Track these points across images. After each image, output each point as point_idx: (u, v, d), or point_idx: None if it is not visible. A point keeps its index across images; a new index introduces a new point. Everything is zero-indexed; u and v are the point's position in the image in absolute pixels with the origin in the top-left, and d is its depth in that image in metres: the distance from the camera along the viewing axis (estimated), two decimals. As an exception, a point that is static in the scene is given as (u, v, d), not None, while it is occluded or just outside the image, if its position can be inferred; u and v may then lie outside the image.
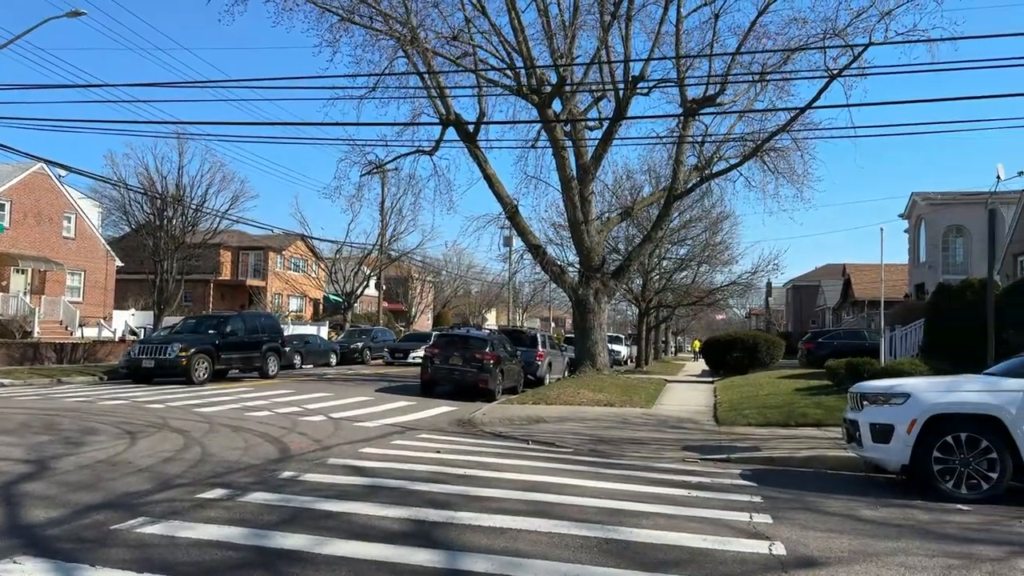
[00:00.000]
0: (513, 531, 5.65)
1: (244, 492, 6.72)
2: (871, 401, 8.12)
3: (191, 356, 18.86)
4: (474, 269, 62.36)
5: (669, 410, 15.88)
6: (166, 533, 5.34)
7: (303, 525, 5.67)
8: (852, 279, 47.72)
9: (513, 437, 11.53)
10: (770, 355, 27.25)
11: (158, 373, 19.02)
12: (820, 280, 61.68)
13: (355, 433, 11.12)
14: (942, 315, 17.04)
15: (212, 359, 19.58)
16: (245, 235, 48.50)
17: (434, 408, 15.28)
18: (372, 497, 6.70)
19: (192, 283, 44.69)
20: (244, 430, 10.91)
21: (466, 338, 18.63)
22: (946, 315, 16.79)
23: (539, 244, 23.99)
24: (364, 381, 21.60)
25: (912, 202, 31.35)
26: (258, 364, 21.45)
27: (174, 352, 18.75)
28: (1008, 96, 14.44)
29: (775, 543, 5.52)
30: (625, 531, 5.76)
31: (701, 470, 9.10)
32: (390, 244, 42.88)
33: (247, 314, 24.22)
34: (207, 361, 19.38)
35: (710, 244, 34.85)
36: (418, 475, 7.83)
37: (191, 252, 33.11)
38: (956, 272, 27.93)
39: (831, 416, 13.00)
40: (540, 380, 21.74)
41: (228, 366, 20.70)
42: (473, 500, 6.70)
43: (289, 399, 15.67)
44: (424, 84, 20.89)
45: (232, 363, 20.77)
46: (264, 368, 21.55)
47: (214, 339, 20.06)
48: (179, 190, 32.27)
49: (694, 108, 21.16)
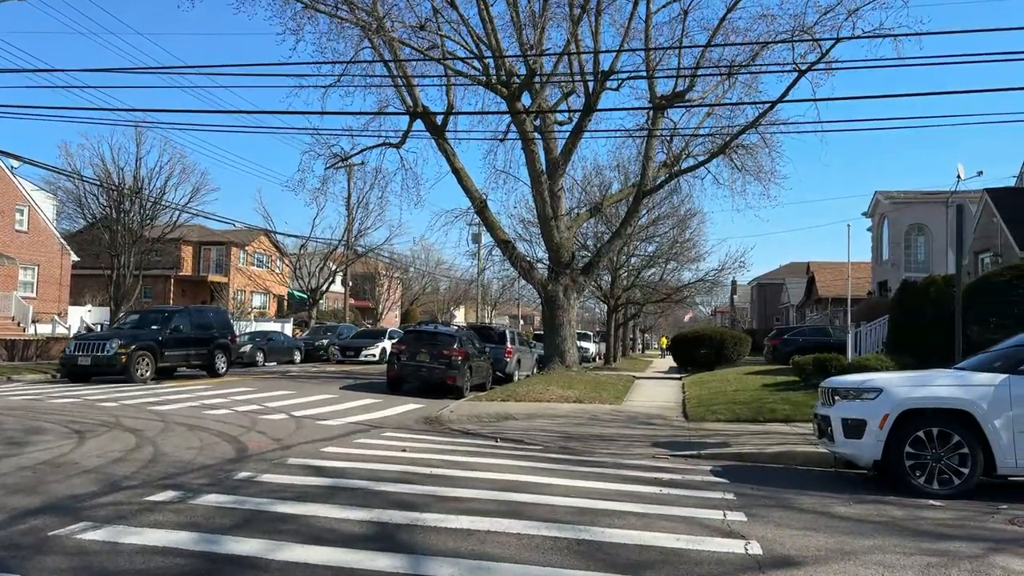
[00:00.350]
0: (481, 533, 5.40)
1: (196, 494, 6.37)
2: (843, 396, 8.03)
3: (131, 353, 17.80)
4: (443, 266, 61.95)
5: (638, 406, 15.77)
6: (109, 539, 4.99)
7: (258, 529, 5.36)
8: (816, 277, 48.44)
9: (482, 435, 11.28)
10: (737, 352, 27.40)
11: (95, 371, 17.96)
12: (784, 278, 62.55)
13: (317, 432, 10.76)
14: (906, 311, 17.23)
15: (155, 356, 18.55)
16: (207, 230, 47.44)
17: (401, 406, 14.95)
18: (333, 498, 6.39)
19: (152, 279, 43.62)
20: (201, 429, 10.49)
21: (434, 334, 18.31)
22: (910, 311, 16.97)
23: (508, 240, 23.75)
24: (329, 379, 21.15)
25: (875, 201, 31.81)
26: (206, 362, 20.48)
27: (112, 349, 17.70)
28: (967, 92, 14.89)
29: (751, 542, 5.36)
30: (597, 531, 5.55)
31: (672, 467, 8.95)
32: (356, 239, 42.27)
33: (194, 309, 22.93)
34: (149, 358, 18.35)
35: (678, 241, 34.98)
36: (382, 475, 7.53)
37: (150, 246, 32.24)
38: (918, 270, 28.41)
39: (799, 412, 13.02)
40: (509, 377, 21.51)
41: (173, 364, 19.64)
42: (440, 501, 6.43)
43: (249, 397, 15.21)
44: (390, 73, 20.47)
45: (177, 360, 19.71)
46: (213, 366, 20.59)
47: (157, 335, 19.01)
48: (137, 182, 31.34)
49: (663, 104, 21.11)
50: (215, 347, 20.71)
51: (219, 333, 21.17)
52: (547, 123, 22.17)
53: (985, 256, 20.39)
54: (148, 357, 18.35)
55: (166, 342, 19.09)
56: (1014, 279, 13.94)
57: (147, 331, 19.17)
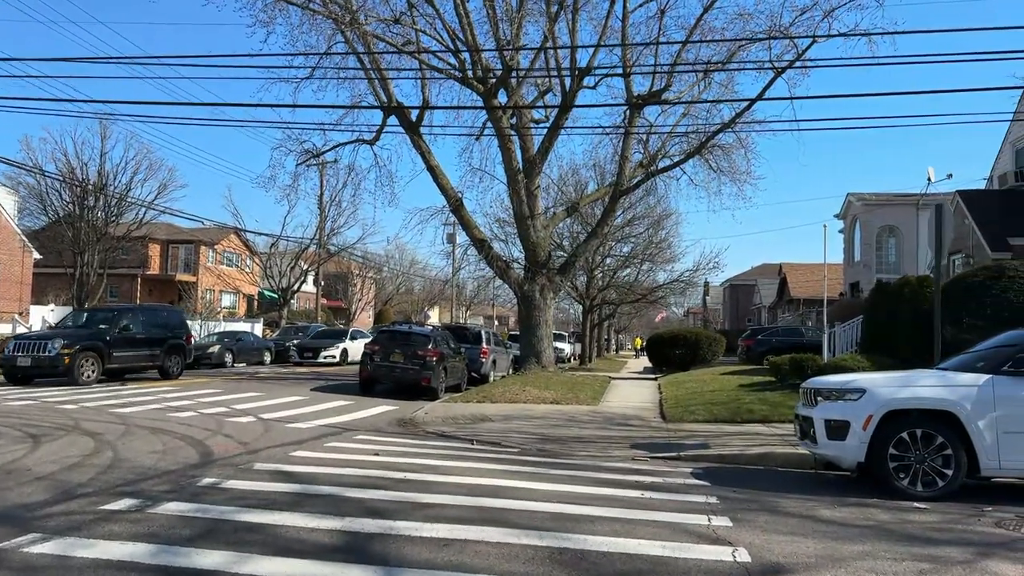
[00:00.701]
0: (459, 542, 5.14)
1: (156, 502, 6.03)
2: (825, 397, 7.91)
3: (75, 354, 16.72)
4: (417, 265, 61.47)
5: (615, 407, 15.61)
6: (59, 552, 4.65)
7: (222, 540, 5.04)
8: (788, 278, 48.90)
9: (457, 437, 11.01)
10: (712, 352, 27.44)
11: (36, 373, 16.90)
12: (756, 279, 63.13)
13: (286, 435, 10.40)
14: (881, 312, 17.31)
15: (101, 357, 17.52)
16: (175, 228, 46.50)
17: (373, 408, 14.61)
18: (302, 506, 6.09)
19: (118, 278, 42.65)
20: (164, 432, 10.08)
21: (408, 334, 17.98)
22: (885, 312, 17.05)
23: (484, 239, 23.49)
24: (299, 380, 20.70)
25: (847, 203, 32.11)
26: (159, 363, 19.46)
27: (55, 349, 16.60)
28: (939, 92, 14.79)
29: (738, 549, 5.17)
30: (579, 538, 5.32)
31: (652, 469, 8.77)
32: (329, 238, 41.69)
33: (146, 308, 22.08)
34: (95, 360, 17.31)
35: (653, 242, 35.00)
36: (354, 480, 7.23)
37: (115, 244, 31.44)
38: (889, 271, 28.70)
39: (776, 412, 12.96)
40: (484, 378, 21.24)
41: (122, 365, 18.56)
42: (415, 507, 6.16)
43: (216, 399, 14.76)
44: (363, 67, 20.06)
45: (127, 362, 18.63)
46: (165, 368, 19.58)
47: (104, 335, 17.89)
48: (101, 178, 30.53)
49: (640, 103, 21.02)
50: (169, 348, 19.76)
51: (173, 333, 20.19)
52: (523, 121, 21.96)
53: (957, 257, 20.61)
54: (94, 358, 17.31)
55: (114, 342, 18.03)
56: (987, 280, 14.02)
57: (93, 331, 18.06)
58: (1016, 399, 7.08)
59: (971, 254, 18.92)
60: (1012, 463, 7.09)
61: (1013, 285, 13.63)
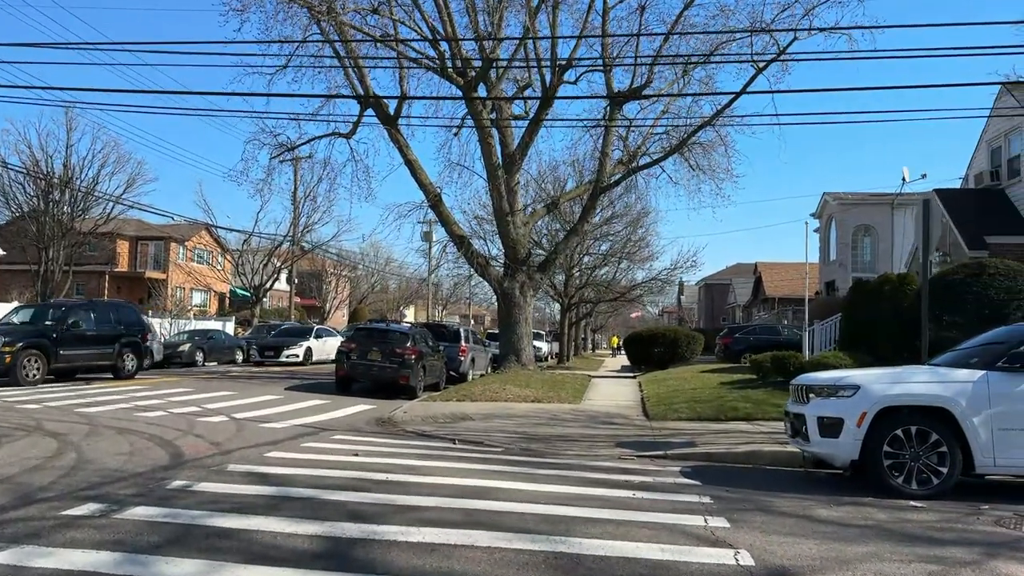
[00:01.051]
0: (446, 547, 4.86)
1: (123, 506, 5.66)
2: (817, 393, 7.75)
3: (16, 352, 15.69)
4: (393, 263, 60.86)
5: (598, 405, 15.41)
6: (13, 562, 4.29)
7: (193, 547, 4.71)
8: (763, 277, 49.21)
9: (438, 436, 10.71)
10: (690, 350, 27.41)
11: None
12: (731, 278, 63.49)
13: (260, 435, 10.02)
14: (860, 310, 17.32)
15: (47, 356, 16.47)
16: (144, 223, 45.45)
17: (350, 407, 14.24)
18: (278, 510, 5.75)
19: (85, 275, 41.59)
20: (132, 432, 9.65)
21: (386, 332, 17.62)
22: (864, 310, 17.06)
23: (464, 235, 23.15)
24: (273, 379, 20.22)
25: (823, 202, 32.31)
26: (111, 362, 18.27)
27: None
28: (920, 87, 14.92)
29: (740, 552, 4.95)
30: (574, 542, 5.06)
31: (640, 468, 8.56)
32: (303, 235, 41.01)
33: (99, 303, 20.79)
34: (39, 358, 16.28)
35: (631, 240, 34.94)
36: (333, 482, 6.91)
37: (81, 240, 30.53)
38: (864, 270, 28.92)
39: (760, 410, 12.86)
40: (463, 376, 20.93)
41: (71, 365, 17.40)
42: (398, 510, 5.86)
43: (187, 398, 14.28)
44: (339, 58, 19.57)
45: (77, 361, 17.49)
46: (119, 367, 18.39)
47: (51, 332, 16.81)
48: (67, 171, 29.62)
49: (621, 99, 20.86)
50: (123, 346, 18.58)
51: (128, 330, 19.02)
52: (503, 115, 21.67)
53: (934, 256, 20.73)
54: (38, 357, 16.28)
55: (63, 340, 16.91)
56: (968, 277, 14.05)
57: (39, 328, 17.00)
58: (1011, 395, 6.98)
59: (948, 252, 19.06)
60: (1007, 460, 6.99)
61: (993, 282, 13.66)
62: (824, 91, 22.26)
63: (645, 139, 23.16)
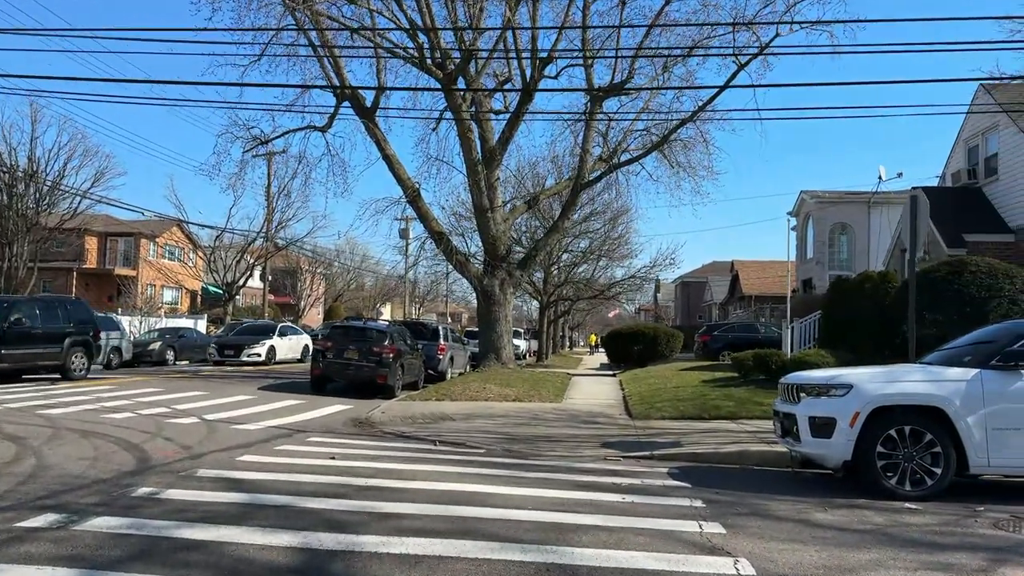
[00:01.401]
0: (432, 559, 4.57)
1: (83, 516, 5.29)
2: (808, 392, 7.57)
3: None
4: (370, 261, 60.23)
5: (579, 404, 15.18)
6: (-42, 583, 3.92)
7: (158, 561, 4.38)
8: (740, 275, 49.40)
9: (418, 437, 10.39)
10: (669, 348, 27.32)
11: None
12: (708, 277, 63.73)
13: (232, 437, 9.63)
14: (840, 308, 17.29)
15: None
16: (113, 219, 44.41)
17: (326, 407, 13.85)
18: (251, 519, 5.42)
19: (52, 271, 40.54)
20: (97, 436, 9.21)
21: (363, 330, 17.22)
22: (844, 308, 17.03)
23: (443, 231, 22.81)
24: (246, 378, 19.72)
25: (801, 200, 32.43)
26: (58, 361, 17.10)
27: None
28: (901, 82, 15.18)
29: (740, 560, 4.73)
30: (566, 552, 4.80)
31: (626, 469, 8.34)
32: (277, 231, 40.32)
33: (47, 299, 19.66)
34: None
35: (610, 238, 34.81)
36: (309, 488, 6.58)
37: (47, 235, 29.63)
38: (841, 268, 29.04)
39: (744, 408, 12.73)
40: (442, 375, 20.59)
41: (13, 365, 16.28)
42: (379, 518, 5.55)
43: (156, 398, 13.80)
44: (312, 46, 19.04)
45: (19, 361, 16.35)
46: (67, 367, 17.17)
47: None
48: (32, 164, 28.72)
49: (601, 95, 20.66)
50: (72, 345, 17.36)
51: (77, 328, 17.76)
52: (483, 108, 21.35)
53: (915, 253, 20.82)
54: None
55: (5, 338, 15.86)
56: (949, 275, 14.03)
57: None
58: (1006, 395, 6.85)
59: (927, 251, 19.14)
60: (1001, 461, 6.86)
61: (975, 280, 13.66)
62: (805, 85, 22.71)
63: (626, 135, 23.03)
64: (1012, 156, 18.82)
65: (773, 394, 12.99)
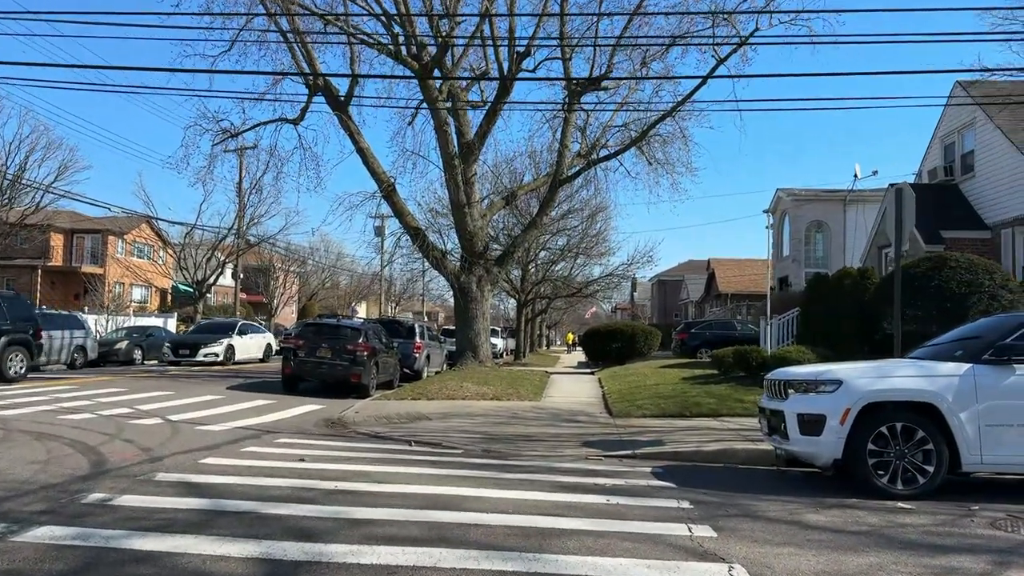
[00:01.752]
0: (407, 569, 4.22)
1: (25, 526, 4.86)
2: (796, 389, 7.33)
3: None
4: (345, 259, 59.41)
5: (559, 402, 14.89)
6: None
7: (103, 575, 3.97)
8: (716, 273, 49.50)
9: (393, 438, 10.02)
10: (648, 345, 27.19)
11: None
12: (684, 275, 63.88)
13: (196, 439, 9.18)
14: (818, 305, 17.21)
15: None
16: (79, 215, 43.28)
17: (298, 407, 13.40)
18: (211, 527, 5.03)
19: (15, 269, 39.43)
20: (51, 438, 8.72)
21: (336, 328, 16.75)
22: (823, 305, 16.95)
23: (419, 227, 22.36)
24: (214, 377, 19.15)
25: (777, 198, 32.45)
26: None
27: None
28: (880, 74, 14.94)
29: (734, 567, 4.44)
30: (550, 559, 4.48)
31: (609, 469, 8.05)
32: (248, 228, 39.50)
33: None
34: None
35: (588, 235, 34.60)
36: (275, 493, 6.19)
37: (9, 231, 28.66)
38: (817, 265, 29.08)
39: (725, 406, 12.55)
40: (418, 374, 20.17)
41: None
42: (349, 525, 5.19)
43: (120, 399, 13.25)
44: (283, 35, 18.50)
45: None
46: (3, 369, 15.93)
47: None
48: (-9, 157, 27.79)
49: (580, 89, 20.39)
50: (9, 344, 16.13)
51: (16, 326, 16.51)
52: (460, 101, 20.96)
53: (889, 251, 20.87)
54: None
55: None
56: (929, 271, 13.98)
57: None
58: (999, 390, 6.66)
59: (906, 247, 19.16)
60: (994, 458, 6.67)
61: (955, 276, 13.61)
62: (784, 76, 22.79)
63: (604, 131, 22.80)
64: (988, 153, 18.88)
65: (754, 391, 12.87)
